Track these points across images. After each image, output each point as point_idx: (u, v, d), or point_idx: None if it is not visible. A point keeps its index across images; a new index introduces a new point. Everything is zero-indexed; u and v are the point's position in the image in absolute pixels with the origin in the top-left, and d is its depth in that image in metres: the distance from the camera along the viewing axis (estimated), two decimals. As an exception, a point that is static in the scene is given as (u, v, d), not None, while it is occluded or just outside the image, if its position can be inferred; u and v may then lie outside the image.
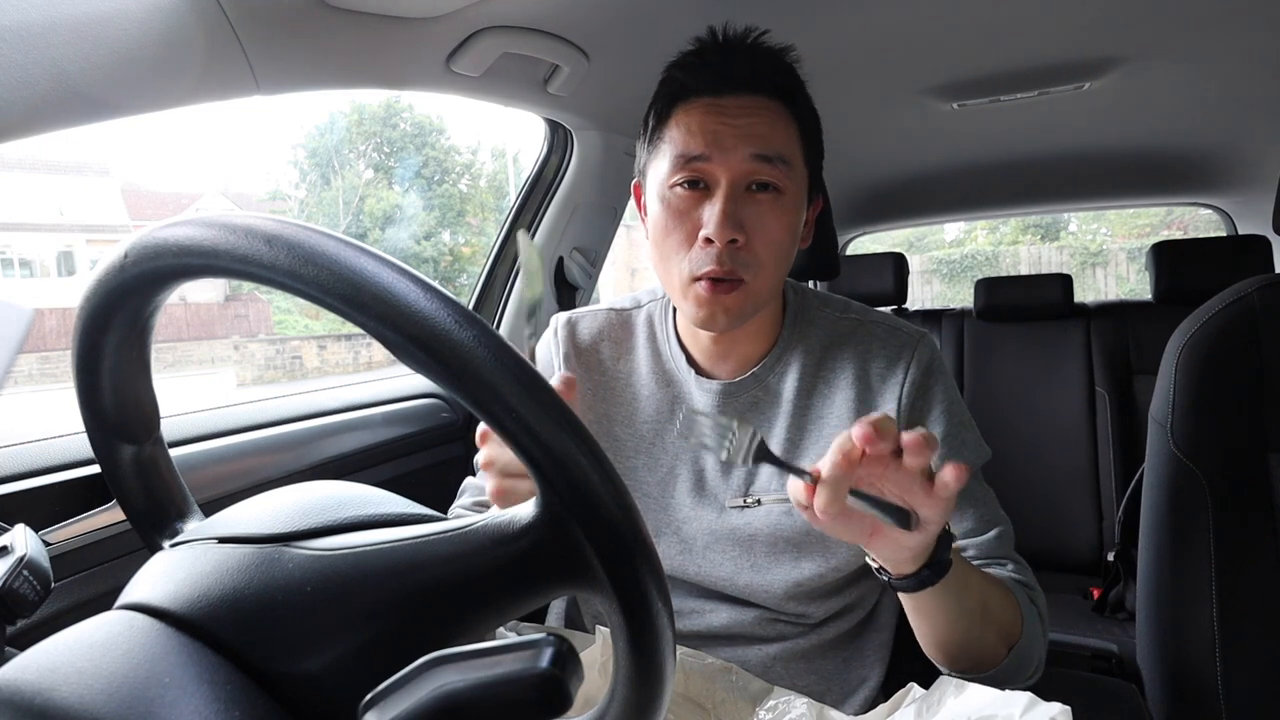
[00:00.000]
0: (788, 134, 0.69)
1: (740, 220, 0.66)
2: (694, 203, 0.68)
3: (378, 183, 13.95)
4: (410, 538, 0.34)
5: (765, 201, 0.68)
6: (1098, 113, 1.46)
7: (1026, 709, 0.47)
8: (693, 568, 0.74)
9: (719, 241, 0.66)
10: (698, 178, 0.68)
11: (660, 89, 0.72)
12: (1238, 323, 0.70)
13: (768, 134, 0.67)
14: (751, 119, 0.67)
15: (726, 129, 0.67)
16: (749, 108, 0.68)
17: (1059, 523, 1.77)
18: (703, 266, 0.67)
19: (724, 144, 0.66)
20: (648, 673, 0.32)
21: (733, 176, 0.67)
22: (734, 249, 0.66)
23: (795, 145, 0.69)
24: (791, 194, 0.69)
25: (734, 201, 0.66)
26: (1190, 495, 0.72)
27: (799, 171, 0.70)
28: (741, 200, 0.67)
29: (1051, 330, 1.87)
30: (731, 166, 0.66)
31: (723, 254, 0.66)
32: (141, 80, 0.61)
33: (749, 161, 0.66)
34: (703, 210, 0.67)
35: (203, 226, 0.32)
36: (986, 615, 0.62)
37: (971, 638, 0.62)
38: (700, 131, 0.67)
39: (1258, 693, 0.70)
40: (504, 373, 0.29)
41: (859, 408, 0.73)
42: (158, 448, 0.45)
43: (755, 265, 0.67)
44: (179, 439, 0.82)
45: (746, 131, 0.67)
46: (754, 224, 0.67)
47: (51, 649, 0.31)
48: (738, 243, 0.66)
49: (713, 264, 0.66)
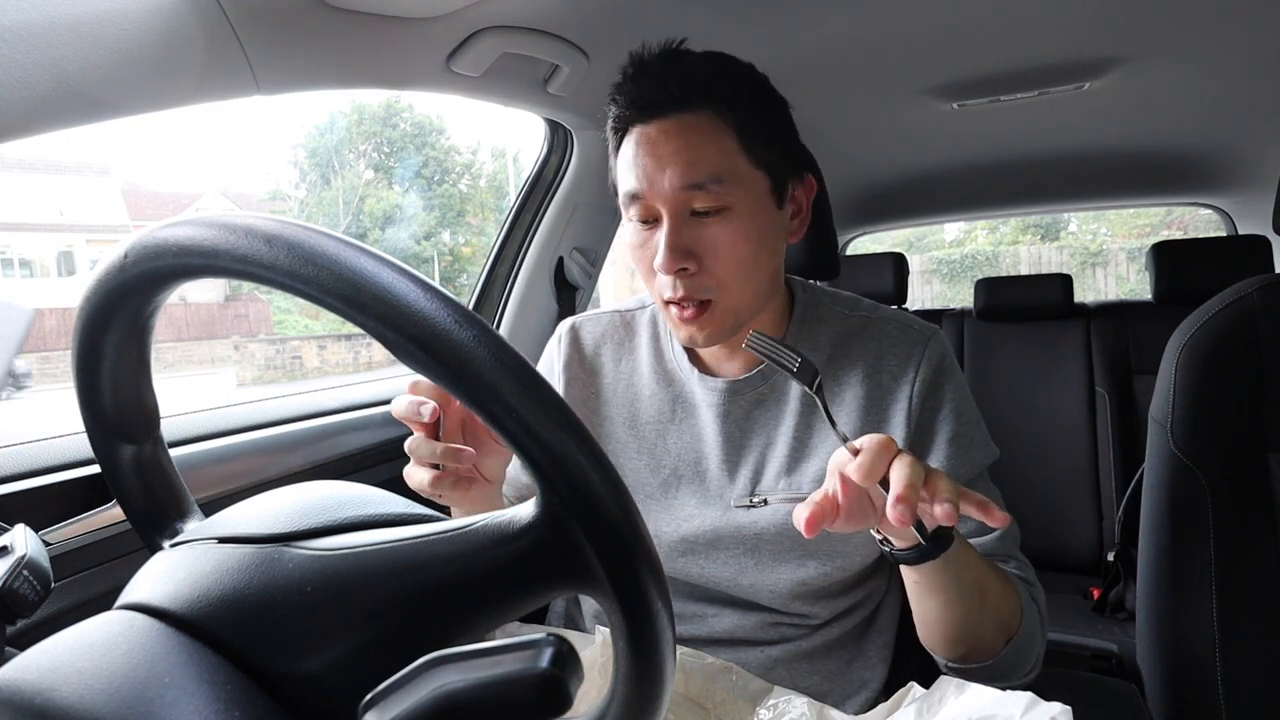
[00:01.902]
0: (718, 148, 0.65)
1: (689, 247, 0.66)
2: (648, 235, 0.68)
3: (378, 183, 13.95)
4: (410, 538, 0.34)
5: (714, 224, 0.66)
6: (1098, 113, 1.46)
7: (1027, 709, 0.47)
8: (696, 569, 0.74)
9: (667, 273, 0.66)
10: (645, 215, 0.68)
11: (610, 123, 0.71)
12: (1238, 323, 0.70)
13: (695, 158, 0.65)
14: (676, 143, 0.65)
15: (654, 162, 0.65)
16: (673, 131, 0.65)
17: (1059, 523, 1.77)
18: (665, 292, 0.68)
19: (654, 178, 0.65)
20: (648, 673, 0.32)
21: (670, 208, 0.66)
22: (688, 276, 0.66)
23: (733, 154, 0.66)
24: (743, 206, 0.66)
25: (678, 231, 0.66)
26: (1190, 495, 0.72)
27: (747, 179, 0.67)
28: (688, 226, 0.66)
29: (1051, 330, 1.87)
30: (666, 199, 0.65)
31: (676, 282, 0.66)
32: (141, 80, 0.61)
33: (681, 192, 0.65)
34: (655, 240, 0.67)
35: (203, 226, 0.32)
36: (985, 599, 0.62)
37: (970, 621, 0.62)
38: (633, 168, 0.67)
39: (1258, 692, 0.70)
40: (504, 373, 0.29)
41: (869, 406, 0.72)
42: (158, 448, 0.45)
43: (717, 286, 0.67)
44: (179, 439, 0.82)
45: (673, 161, 0.65)
46: (705, 247, 0.66)
47: (51, 649, 0.31)
48: (689, 269, 0.66)
49: (670, 291, 0.67)
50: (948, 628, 0.63)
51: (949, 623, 0.62)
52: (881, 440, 0.50)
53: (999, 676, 0.64)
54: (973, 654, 0.64)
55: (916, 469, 0.48)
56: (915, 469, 0.48)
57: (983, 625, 0.63)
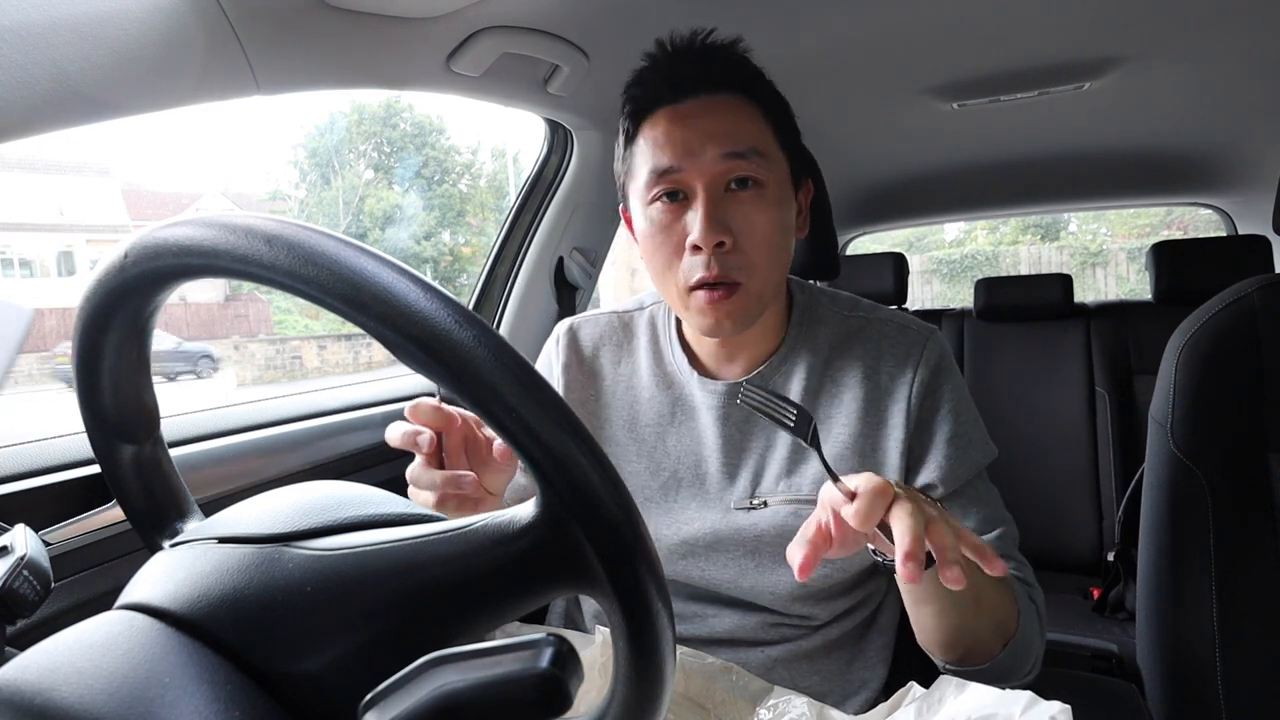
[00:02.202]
0: (755, 126, 0.68)
1: (725, 222, 0.66)
2: (676, 214, 0.68)
3: (378, 183, 13.94)
4: (410, 538, 0.34)
5: (748, 199, 0.67)
6: (1098, 113, 1.46)
7: (1027, 708, 0.47)
8: (696, 571, 0.74)
9: (706, 247, 0.65)
10: (675, 189, 0.67)
11: (624, 110, 0.72)
12: (1238, 323, 0.70)
13: (734, 130, 0.66)
14: (714, 118, 0.67)
15: (692, 134, 0.66)
16: (710, 107, 0.67)
17: (1059, 523, 1.77)
18: (695, 274, 0.66)
19: (692, 149, 0.66)
20: (647, 673, 0.32)
21: (708, 180, 0.66)
22: (723, 253, 0.66)
23: (767, 135, 0.68)
24: (774, 185, 0.68)
25: (715, 205, 0.66)
26: (1190, 495, 0.72)
27: (777, 161, 0.69)
28: (723, 202, 0.66)
29: (1051, 330, 1.87)
30: (705, 170, 0.66)
31: (711, 259, 0.65)
32: (141, 80, 0.61)
33: (721, 161, 0.66)
34: (686, 219, 0.67)
35: (203, 226, 0.32)
36: (980, 605, 0.62)
37: (966, 626, 0.62)
38: (667, 142, 0.67)
39: (1258, 693, 0.70)
40: (504, 373, 0.29)
41: (868, 408, 0.72)
42: (158, 448, 0.45)
43: (747, 266, 0.67)
44: (179, 439, 0.82)
45: (712, 131, 0.66)
46: (740, 223, 0.66)
47: (51, 649, 0.31)
48: (725, 245, 0.65)
49: (704, 270, 0.66)
50: (943, 633, 0.63)
51: (944, 629, 0.62)
52: (878, 485, 0.50)
53: (997, 678, 0.64)
54: (969, 656, 0.64)
55: (918, 516, 0.48)
56: (917, 517, 0.48)
57: (979, 630, 0.63)
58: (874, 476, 0.51)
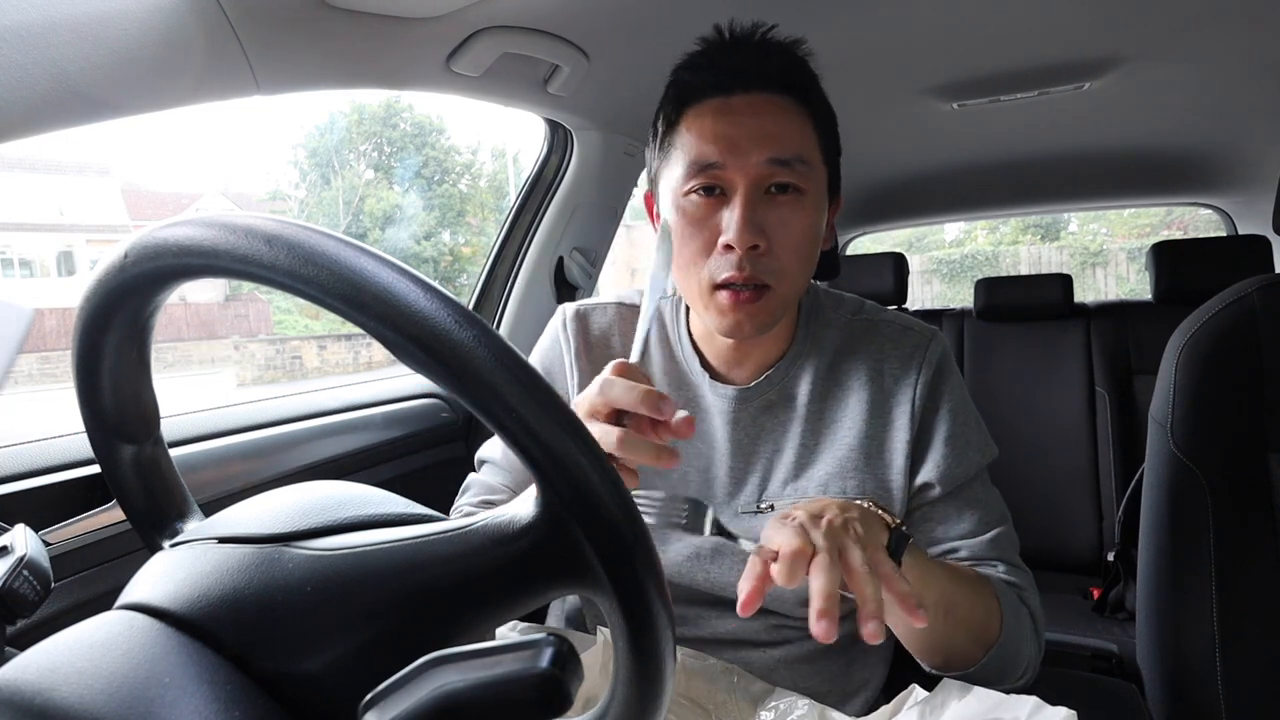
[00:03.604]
0: (803, 133, 0.66)
1: (761, 225, 0.64)
2: (711, 209, 0.66)
3: (378, 183, 13.95)
4: (410, 538, 0.34)
5: (786, 204, 0.65)
6: (1098, 113, 1.46)
7: (1031, 714, 0.47)
8: (701, 574, 0.73)
9: (740, 248, 0.63)
10: (714, 184, 0.66)
11: (668, 92, 0.70)
12: (1238, 323, 0.70)
13: (782, 134, 0.64)
14: (764, 119, 0.65)
15: (740, 132, 0.64)
16: (761, 107, 0.65)
17: (1059, 523, 1.77)
18: (723, 273, 0.65)
19: (738, 148, 0.64)
20: (648, 673, 0.32)
21: (750, 181, 0.64)
22: (755, 255, 0.64)
23: (812, 143, 0.67)
24: (813, 194, 0.66)
25: (753, 207, 0.64)
26: (1190, 495, 0.72)
27: (818, 170, 0.67)
28: (761, 204, 0.65)
29: (1051, 330, 1.87)
30: (748, 171, 0.64)
31: (743, 260, 0.64)
32: (141, 80, 0.61)
33: (765, 165, 0.64)
34: (721, 216, 0.65)
35: (203, 226, 0.32)
36: (952, 615, 0.61)
37: (937, 637, 0.62)
38: (713, 136, 0.65)
39: (1258, 693, 0.70)
40: (504, 373, 0.29)
41: (872, 410, 0.72)
42: (158, 448, 0.45)
43: (778, 271, 0.65)
44: (179, 439, 0.82)
45: (760, 133, 0.64)
46: (776, 228, 0.65)
47: (51, 649, 0.31)
48: (759, 249, 0.64)
49: (733, 270, 0.64)
50: (914, 642, 0.64)
51: (914, 637, 0.63)
52: (795, 548, 0.47)
53: (990, 680, 0.63)
54: (950, 663, 0.65)
55: (833, 573, 0.46)
56: (831, 573, 0.46)
57: (953, 639, 0.63)
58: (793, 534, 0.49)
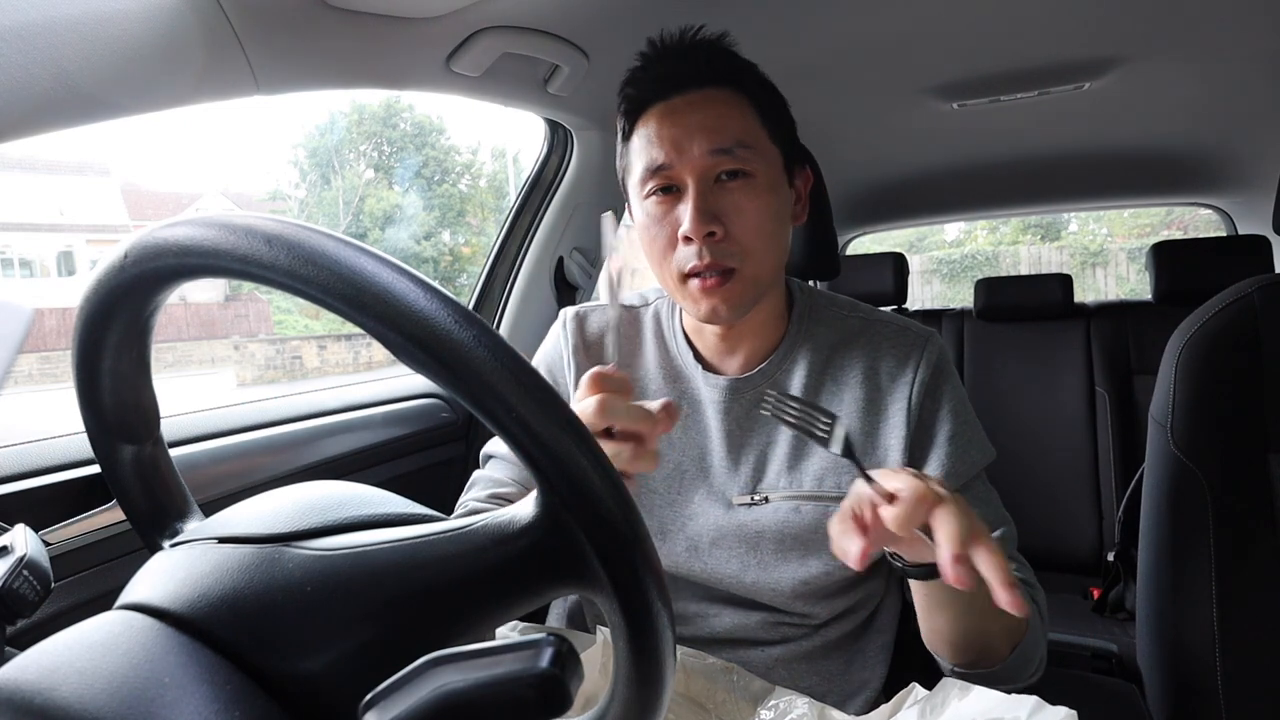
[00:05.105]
0: (743, 119, 0.69)
1: (715, 212, 0.67)
2: (670, 206, 0.70)
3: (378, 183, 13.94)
4: (410, 538, 0.34)
5: (738, 189, 0.68)
6: (1098, 113, 1.46)
7: (1032, 713, 0.47)
8: (699, 566, 0.74)
9: (696, 238, 0.67)
10: (668, 184, 0.69)
11: (620, 109, 0.74)
12: (1238, 323, 0.70)
13: (720, 125, 0.68)
14: (703, 114, 0.68)
15: (681, 130, 0.68)
16: (698, 103, 0.69)
17: (1059, 523, 1.77)
18: (688, 263, 0.68)
19: (682, 146, 0.68)
20: (648, 673, 0.32)
21: (697, 174, 0.68)
22: (714, 242, 0.67)
23: (754, 126, 0.70)
24: (763, 175, 0.69)
25: (704, 196, 0.67)
26: (1190, 495, 0.72)
27: (767, 151, 0.70)
28: (713, 193, 0.68)
29: (1051, 330, 1.87)
30: (694, 165, 0.68)
31: (703, 249, 0.67)
32: (141, 80, 0.61)
33: (709, 157, 0.67)
34: (678, 211, 0.69)
35: (203, 226, 0.32)
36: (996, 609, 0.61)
37: (980, 631, 0.62)
38: (659, 140, 0.69)
39: (1258, 693, 0.70)
40: (504, 373, 0.29)
41: (868, 407, 0.73)
42: (158, 448, 0.45)
43: (740, 253, 0.68)
44: (179, 439, 0.82)
45: (700, 127, 0.68)
46: (731, 213, 0.68)
47: (51, 649, 0.31)
48: (715, 235, 0.67)
49: (695, 259, 0.68)
50: (957, 638, 0.63)
51: (959, 633, 0.62)
52: (920, 491, 0.49)
53: (1003, 680, 0.64)
54: (979, 660, 0.64)
55: (963, 521, 0.47)
56: (961, 521, 0.47)
57: (992, 634, 0.63)
58: (915, 480, 0.50)
